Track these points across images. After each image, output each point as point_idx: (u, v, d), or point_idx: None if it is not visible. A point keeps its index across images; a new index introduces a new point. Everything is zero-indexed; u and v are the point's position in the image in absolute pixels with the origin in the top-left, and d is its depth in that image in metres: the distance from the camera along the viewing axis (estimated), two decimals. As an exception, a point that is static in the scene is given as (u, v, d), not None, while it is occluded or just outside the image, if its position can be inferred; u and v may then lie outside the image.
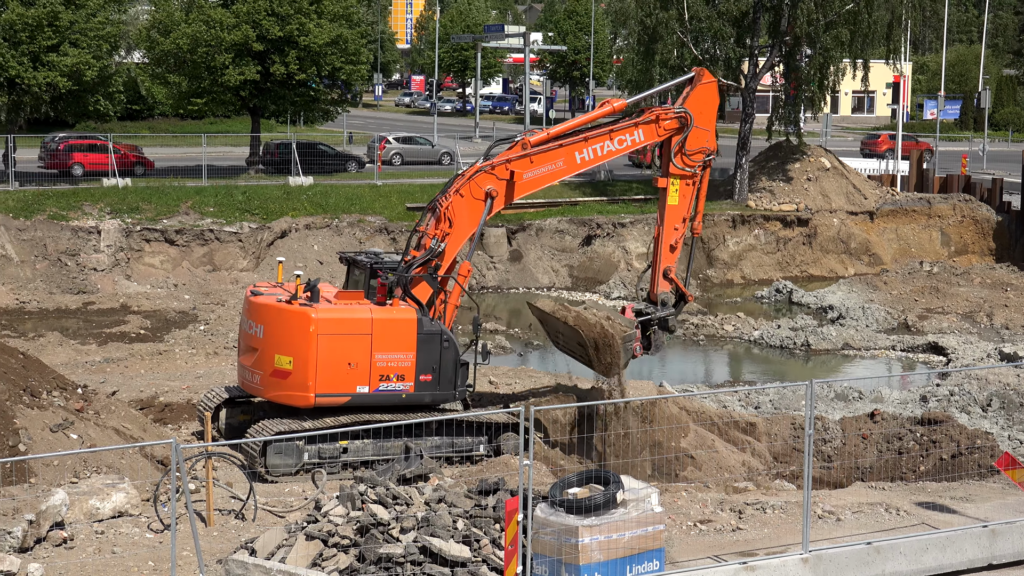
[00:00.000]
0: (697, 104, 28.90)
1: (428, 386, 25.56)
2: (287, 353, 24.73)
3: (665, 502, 19.49)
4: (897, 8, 63.94)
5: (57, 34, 56.27)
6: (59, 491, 18.84)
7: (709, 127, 28.77)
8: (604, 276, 56.47)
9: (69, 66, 55.96)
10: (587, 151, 27.64)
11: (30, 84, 55.67)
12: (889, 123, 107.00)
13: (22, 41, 55.55)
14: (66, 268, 49.08)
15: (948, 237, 64.67)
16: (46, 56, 56.00)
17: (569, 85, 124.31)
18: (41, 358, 26.67)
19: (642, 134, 28.31)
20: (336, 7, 64.05)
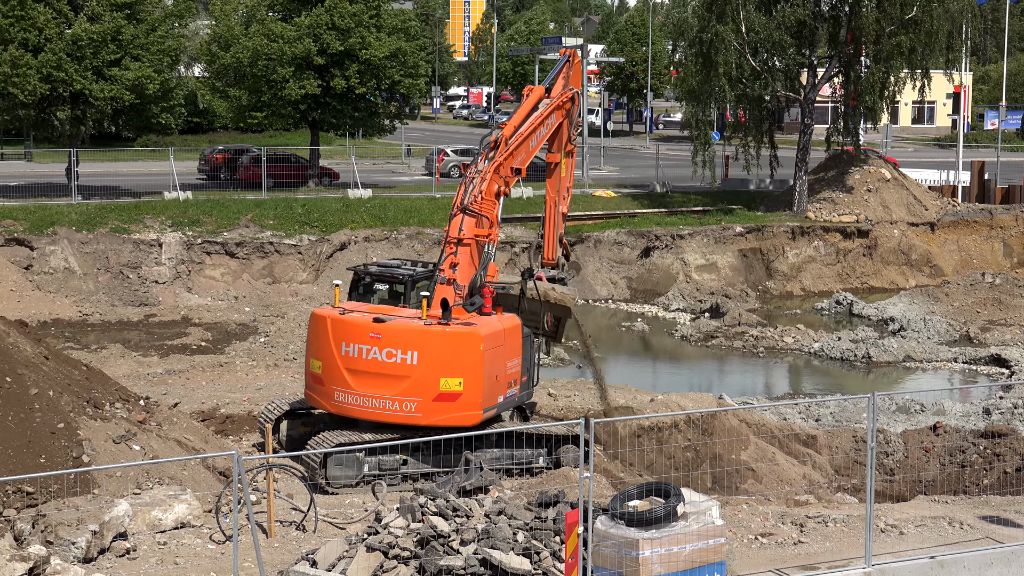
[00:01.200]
0: (576, 83, 30.43)
1: (525, 387, 26.58)
2: (457, 375, 24.47)
3: (726, 515, 19.37)
4: (958, 17, 63.46)
5: (120, 48, 56.79)
6: (122, 502, 18.96)
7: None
8: (663, 288, 56.34)
9: (131, 80, 56.47)
10: (533, 138, 28.40)
11: (93, 98, 56.18)
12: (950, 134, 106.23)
13: (86, 56, 56.12)
14: (128, 281, 49.48)
15: (1010, 248, 64.09)
16: (109, 70, 56.54)
17: (627, 97, 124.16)
18: (104, 370, 26.87)
19: (556, 116, 29.25)
20: (395, 20, 64.35)
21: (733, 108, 68.45)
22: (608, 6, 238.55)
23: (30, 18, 56.04)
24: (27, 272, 48.40)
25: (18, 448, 19.69)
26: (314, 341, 25.41)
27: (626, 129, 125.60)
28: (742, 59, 62.55)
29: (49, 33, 56.21)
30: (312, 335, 25.57)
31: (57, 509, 18.66)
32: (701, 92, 64.95)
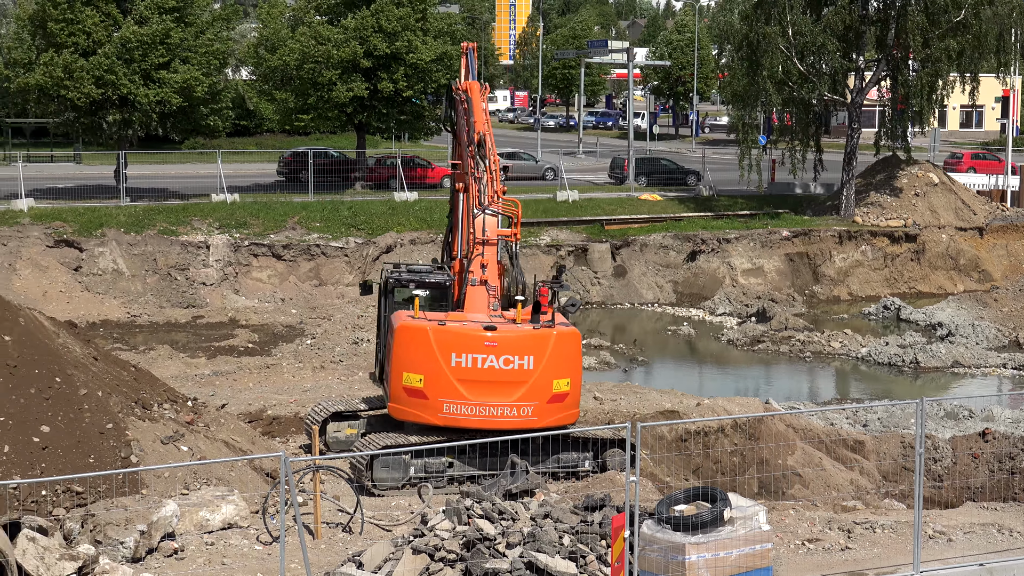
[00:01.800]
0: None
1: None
2: (565, 375, 24.85)
3: (773, 520, 19.31)
4: (1007, 21, 63.02)
5: (168, 51, 57.12)
6: (170, 502, 19.07)
7: None
8: (709, 292, 56.19)
9: (179, 83, 56.78)
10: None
11: (142, 101, 56.52)
12: (998, 138, 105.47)
13: (135, 59, 56.46)
14: (176, 282, 49.75)
15: (1060, 253, 63.60)
16: (157, 73, 56.87)
17: (673, 100, 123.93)
18: (152, 371, 27.04)
19: None
20: (441, 24, 64.48)
21: (780, 112, 68.22)
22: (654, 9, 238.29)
23: (79, 22, 56.44)
24: (76, 273, 48.75)
25: (67, 448, 19.84)
26: (409, 354, 24.65)
27: (672, 133, 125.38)
28: (789, 62, 62.31)
29: (98, 37, 56.60)
30: (404, 349, 24.73)
31: (106, 509, 18.79)
32: (747, 95, 64.74)
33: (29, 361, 20.68)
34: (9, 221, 50.95)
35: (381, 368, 26.89)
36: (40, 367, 20.70)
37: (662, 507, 17.23)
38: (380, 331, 27.36)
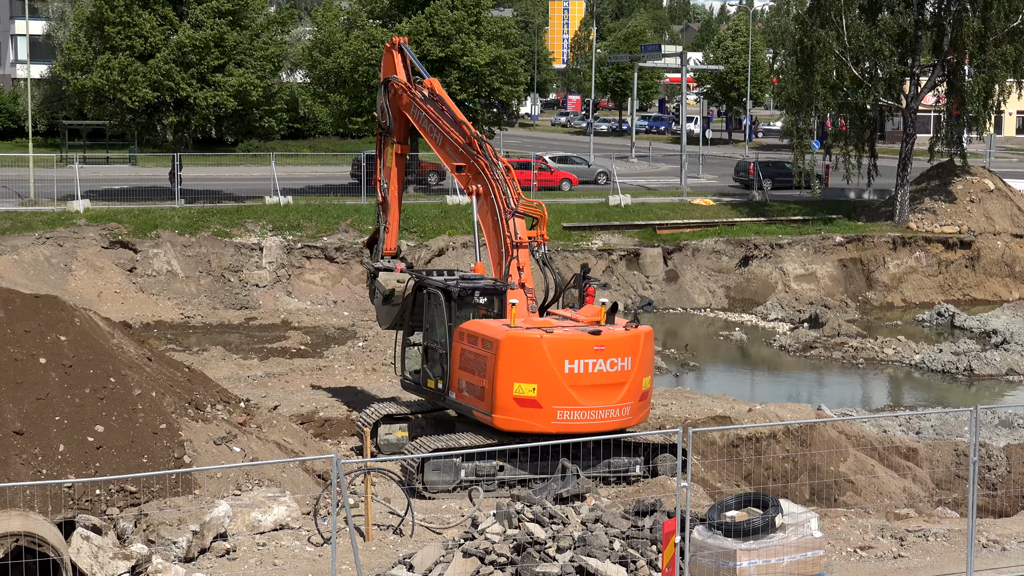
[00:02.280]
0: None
1: None
2: (648, 373, 25.60)
3: (824, 527, 19.22)
4: (1065, 25, 62.49)
5: (224, 55, 57.46)
6: (223, 503, 19.18)
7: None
8: (761, 297, 55.98)
9: (235, 86, 57.11)
10: None
11: (201, 104, 56.89)
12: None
13: (191, 63, 56.85)
14: (229, 284, 50.02)
15: (1118, 261, 62.96)
16: (212, 76, 57.23)
17: (726, 105, 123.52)
18: (205, 372, 27.20)
19: None
20: (494, 27, 64.55)
21: (834, 117, 67.86)
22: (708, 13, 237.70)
23: (136, 25, 56.86)
24: (131, 274, 49.10)
25: (121, 448, 19.99)
26: (520, 365, 24.38)
27: (725, 137, 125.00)
28: (843, 67, 62.00)
29: (155, 40, 57.02)
30: (514, 360, 24.38)
31: (159, 509, 18.92)
32: (801, 100, 64.43)
33: (84, 361, 20.85)
34: (65, 222, 51.39)
35: (422, 373, 26.79)
36: (95, 367, 20.86)
37: (713, 513, 17.18)
38: (403, 336, 27.79)
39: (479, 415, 24.94)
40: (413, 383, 27.58)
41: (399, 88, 29.96)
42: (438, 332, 26.27)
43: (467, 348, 25.22)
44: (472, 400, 25.14)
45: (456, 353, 25.46)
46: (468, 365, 25.21)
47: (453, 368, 25.53)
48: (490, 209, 27.03)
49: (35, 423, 19.72)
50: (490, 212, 27.05)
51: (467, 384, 25.24)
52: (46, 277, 46.82)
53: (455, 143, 28.21)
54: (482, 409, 24.83)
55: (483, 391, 24.76)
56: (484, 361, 24.69)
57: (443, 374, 25.99)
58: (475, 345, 24.97)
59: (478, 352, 24.88)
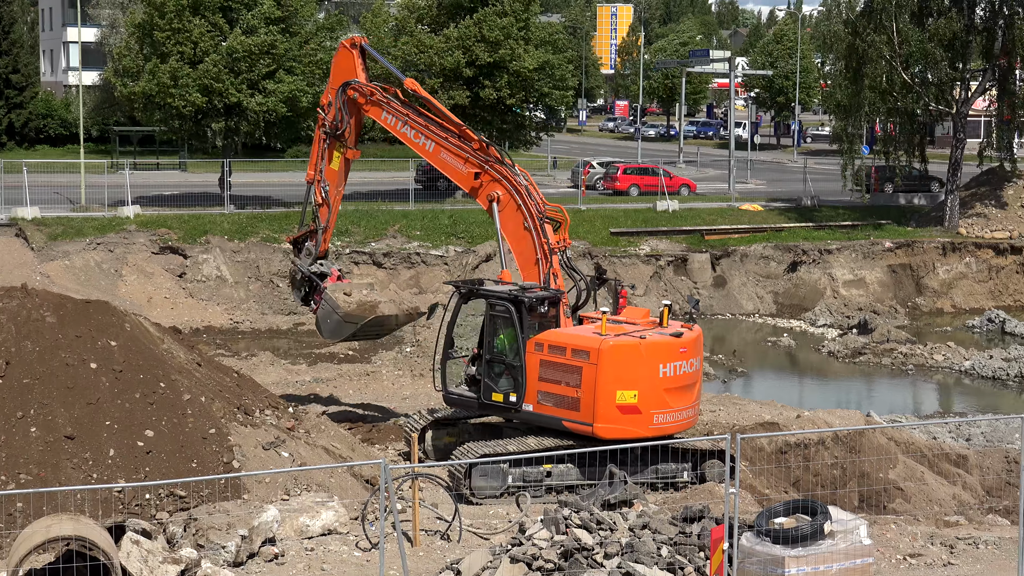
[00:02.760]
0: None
1: None
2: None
3: (874, 534, 19.11)
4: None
5: (274, 61, 57.75)
6: (271, 508, 19.25)
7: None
8: (809, 303, 55.75)
9: (285, 93, 57.38)
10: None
11: (255, 110, 57.19)
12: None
13: (242, 69, 57.15)
14: (278, 289, 50.24)
15: None
16: (263, 83, 57.52)
17: (774, 110, 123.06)
18: (254, 377, 27.31)
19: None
20: (543, 33, 64.62)
21: (883, 121, 67.53)
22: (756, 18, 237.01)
23: (186, 31, 57.24)
24: (180, 280, 49.42)
25: (171, 452, 20.11)
26: (621, 373, 24.47)
27: (773, 143, 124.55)
28: (893, 72, 61.71)
29: (205, 46, 57.38)
30: (615, 368, 24.45)
31: (208, 513, 19.00)
32: (851, 105, 64.18)
33: (134, 366, 20.99)
34: (116, 228, 51.76)
35: (483, 387, 25.92)
36: (145, 372, 21.00)
37: (761, 519, 17.11)
38: (443, 349, 27.13)
39: (573, 425, 24.67)
40: (459, 397, 26.63)
41: (369, 92, 29.10)
42: (506, 344, 25.66)
43: (551, 359, 24.85)
44: (561, 411, 24.78)
45: (534, 364, 25.03)
46: (553, 376, 24.85)
47: (530, 380, 25.06)
48: (516, 215, 26.75)
49: (86, 428, 19.87)
50: (516, 218, 26.76)
51: (552, 395, 24.90)
52: (97, 282, 47.16)
53: (459, 148, 27.66)
54: (577, 419, 24.60)
55: (577, 401, 24.55)
56: (578, 371, 24.52)
57: (516, 386, 25.36)
58: (563, 355, 24.72)
59: (568, 362, 24.63)
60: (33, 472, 19.13)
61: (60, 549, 16.23)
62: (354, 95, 29.18)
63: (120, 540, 17.30)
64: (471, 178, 27.41)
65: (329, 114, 29.55)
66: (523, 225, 26.65)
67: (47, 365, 20.44)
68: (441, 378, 26.85)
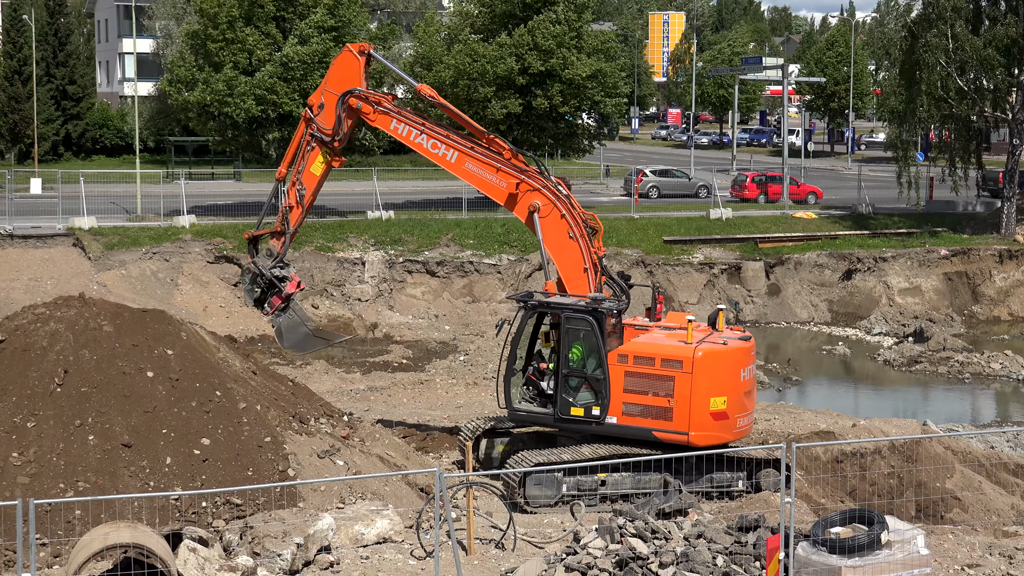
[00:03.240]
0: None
1: None
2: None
3: (931, 544, 18.95)
4: None
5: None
6: (326, 516, 19.31)
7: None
8: (864, 311, 55.42)
9: (338, 101, 57.54)
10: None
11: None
12: None
13: (295, 78, 57.41)
14: (332, 298, 50.41)
15: None
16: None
17: (828, 117, 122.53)
18: (309, 386, 27.41)
19: None
20: (595, 41, 64.63)
21: (938, 128, 67.11)
22: (809, 25, 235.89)
23: (239, 41, 57.58)
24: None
25: (227, 460, 20.21)
26: (714, 379, 24.65)
27: (827, 150, 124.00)
28: (948, 79, 61.30)
29: (260, 56, 57.71)
30: (708, 375, 24.61)
31: (264, 521, 19.09)
32: (905, 112, 63.82)
33: (190, 375, 21.12)
34: (172, 237, 52.12)
35: (559, 402, 25.27)
36: (201, 381, 21.12)
37: (817, 529, 17.03)
38: (508, 366, 26.08)
39: (665, 435, 24.62)
40: (529, 414, 25.94)
41: (377, 100, 28.03)
42: (585, 357, 25.24)
43: (638, 370, 24.77)
44: (651, 421, 24.69)
45: (617, 376, 24.84)
46: (641, 387, 24.75)
47: (615, 392, 24.90)
48: (560, 224, 26.44)
49: (143, 436, 20.00)
50: (560, 227, 26.46)
51: (640, 407, 24.78)
52: (153, 291, 47.48)
53: (489, 158, 26.99)
54: (670, 429, 24.58)
55: (669, 411, 24.56)
56: (670, 381, 24.55)
57: (598, 399, 25.02)
58: (651, 366, 24.68)
59: (658, 372, 24.61)
60: (91, 480, 19.27)
61: (118, 556, 16.35)
62: (357, 104, 27.92)
63: (177, 548, 17.41)
64: (505, 189, 26.84)
65: (324, 119, 28.11)
66: (567, 234, 26.37)
67: (104, 374, 20.60)
68: (506, 396, 25.96)
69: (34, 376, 20.39)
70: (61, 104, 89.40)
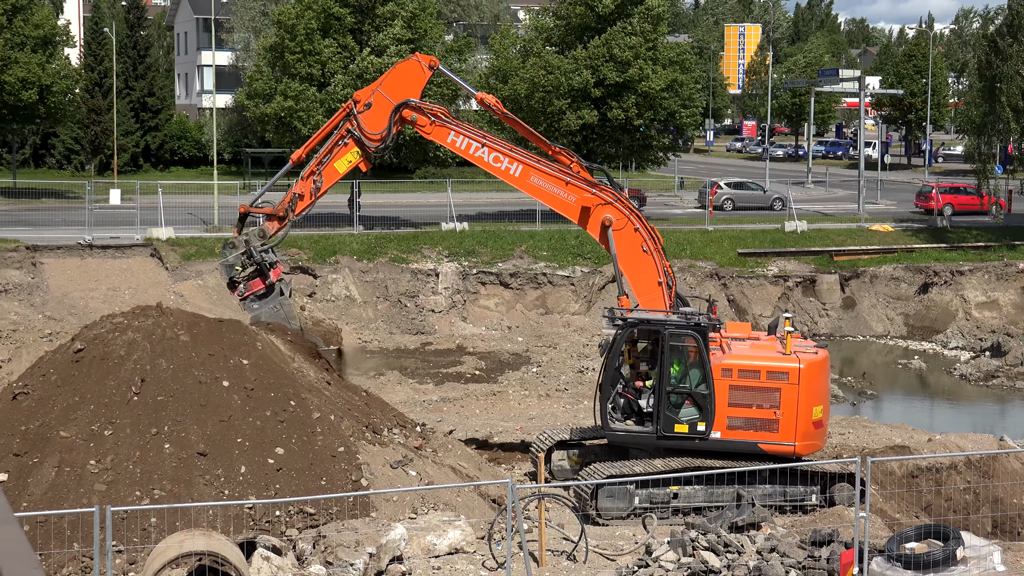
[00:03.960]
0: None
1: None
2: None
3: (1008, 561, 18.74)
4: None
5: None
6: (399, 526, 19.39)
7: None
8: (941, 325, 54.89)
9: (412, 114, 57.86)
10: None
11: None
12: None
13: (370, 89, 57.79)
14: (406, 309, 50.62)
15: None
16: (390, 104, 58.09)
17: (905, 129, 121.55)
18: (382, 396, 27.54)
19: None
20: (671, 53, 64.54)
21: (1018, 140, 66.50)
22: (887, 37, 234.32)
23: (316, 53, 58.04)
24: (310, 299, 49.97)
25: (300, 470, 20.34)
26: (815, 389, 24.89)
27: (904, 162, 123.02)
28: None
29: (333, 67, 58.13)
30: (812, 385, 24.77)
31: (336, 531, 19.19)
32: (984, 124, 63.22)
33: (265, 384, 21.29)
34: (247, 248, 52.51)
35: (661, 420, 25.01)
36: (276, 390, 21.29)
37: (892, 544, 16.90)
38: (605, 385, 25.63)
39: (771, 447, 24.69)
40: (627, 433, 25.55)
41: (435, 112, 27.34)
42: (687, 373, 25.09)
43: (743, 383, 24.77)
44: (757, 434, 24.73)
45: (722, 391, 24.78)
46: (747, 400, 24.79)
47: (720, 407, 24.81)
48: (634, 238, 26.30)
49: (218, 445, 20.18)
50: (634, 241, 26.30)
51: (744, 420, 24.80)
52: (229, 302, 47.79)
53: (557, 172, 26.67)
54: (777, 440, 24.67)
55: (775, 423, 24.65)
56: (776, 393, 24.64)
57: (703, 415, 24.89)
58: (757, 379, 24.73)
59: (764, 385, 24.68)
60: (167, 488, 19.47)
61: (192, 564, 16.50)
62: (412, 116, 27.20)
63: (251, 556, 17.55)
64: (576, 203, 26.54)
65: (370, 120, 27.20)
66: (641, 248, 26.30)
67: (181, 383, 20.82)
68: (602, 415, 25.54)
69: (111, 385, 20.64)
70: (140, 116, 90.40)
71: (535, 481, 25.01)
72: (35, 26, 68.00)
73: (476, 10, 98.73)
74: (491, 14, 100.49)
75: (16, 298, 45.78)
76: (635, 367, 25.75)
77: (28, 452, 19.74)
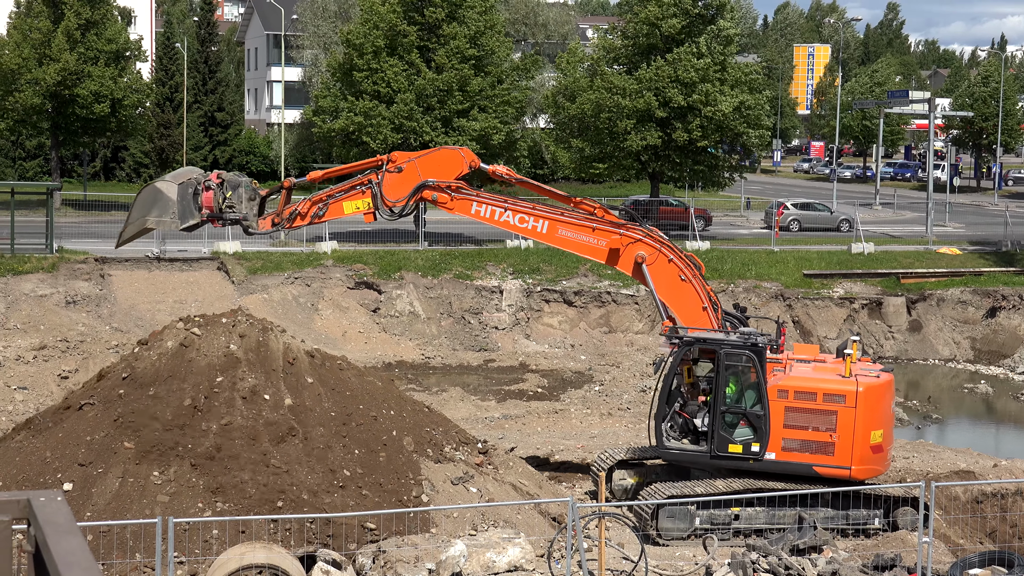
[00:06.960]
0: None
1: None
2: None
3: (1073, 590, 18.52)
4: None
5: (467, 99, 58.54)
6: (459, 542, 19.43)
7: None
8: (1008, 350, 54.33)
9: (478, 131, 58.08)
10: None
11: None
12: None
13: (433, 106, 58.03)
14: (469, 326, 50.71)
15: None
16: (456, 120, 58.33)
17: (975, 152, 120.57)
18: (444, 412, 27.59)
19: None
20: (739, 73, 64.32)
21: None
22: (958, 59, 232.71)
23: (383, 70, 58.40)
24: (374, 315, 50.17)
25: (363, 485, 20.42)
26: (875, 413, 24.83)
27: (973, 185, 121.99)
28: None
29: (398, 85, 58.45)
30: (870, 408, 24.73)
31: (397, 546, 19.26)
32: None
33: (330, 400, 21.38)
34: (314, 262, 52.87)
35: (715, 440, 24.92)
36: (339, 407, 21.38)
37: (955, 570, 16.77)
38: (660, 404, 25.59)
39: (826, 470, 24.58)
40: (682, 452, 25.54)
41: (453, 188, 27.08)
42: (743, 393, 25.09)
43: (799, 405, 24.72)
44: (812, 457, 24.64)
45: (777, 412, 24.73)
46: (801, 422, 24.73)
47: (774, 428, 24.76)
48: (669, 269, 26.28)
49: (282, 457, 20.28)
50: (670, 272, 26.28)
51: (800, 442, 24.72)
52: (294, 316, 48.17)
53: (582, 222, 26.73)
54: (832, 464, 24.56)
55: (831, 446, 24.55)
56: (832, 415, 24.57)
57: (758, 436, 24.85)
58: (813, 401, 24.69)
59: (820, 407, 24.63)
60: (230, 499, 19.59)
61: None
62: (433, 196, 27.02)
63: (311, 570, 17.63)
64: (606, 246, 26.59)
65: (393, 184, 26.95)
66: (679, 277, 26.29)
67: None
68: (656, 434, 25.55)
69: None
70: (209, 131, 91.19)
71: (595, 500, 24.98)
72: (108, 40, 68.86)
73: (544, 28, 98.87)
74: (559, 33, 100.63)
75: (84, 309, 46.28)
76: (692, 386, 25.74)
77: (93, 462, 19.93)
